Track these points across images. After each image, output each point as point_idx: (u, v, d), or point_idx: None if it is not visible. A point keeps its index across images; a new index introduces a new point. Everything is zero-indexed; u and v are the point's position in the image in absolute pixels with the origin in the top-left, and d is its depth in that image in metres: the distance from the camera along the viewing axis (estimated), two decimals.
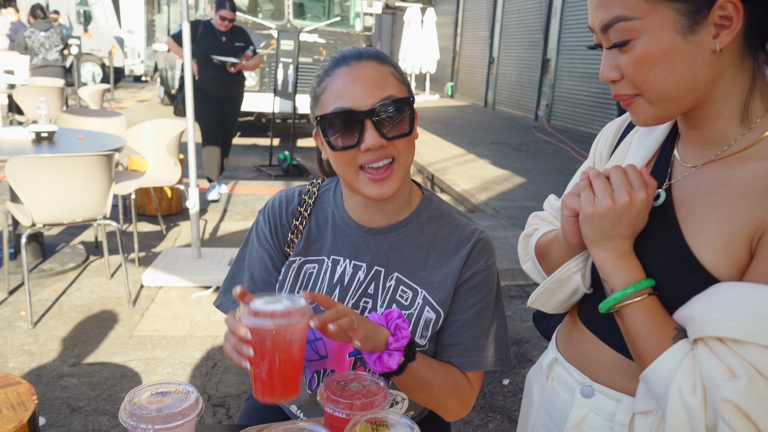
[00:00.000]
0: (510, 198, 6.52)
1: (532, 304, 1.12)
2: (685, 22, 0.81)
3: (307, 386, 1.27)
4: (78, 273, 4.14)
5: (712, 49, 0.82)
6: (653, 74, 0.84)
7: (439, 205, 1.29)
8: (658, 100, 0.86)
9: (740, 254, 0.83)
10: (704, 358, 0.78)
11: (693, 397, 0.78)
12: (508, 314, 3.81)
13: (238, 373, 2.99)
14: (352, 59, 1.13)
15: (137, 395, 0.96)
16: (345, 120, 1.10)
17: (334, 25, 10.14)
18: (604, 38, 0.87)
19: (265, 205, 1.34)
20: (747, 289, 0.77)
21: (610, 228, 0.90)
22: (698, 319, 0.80)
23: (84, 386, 2.84)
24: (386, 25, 25.19)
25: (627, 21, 0.82)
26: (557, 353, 1.13)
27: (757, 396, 0.73)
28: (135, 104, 13.71)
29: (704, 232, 0.86)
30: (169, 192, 5.46)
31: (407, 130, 1.13)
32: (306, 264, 1.27)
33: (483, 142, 10.15)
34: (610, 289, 0.91)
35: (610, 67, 0.88)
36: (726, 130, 0.88)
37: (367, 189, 1.14)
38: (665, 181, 0.96)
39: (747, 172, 0.85)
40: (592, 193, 0.91)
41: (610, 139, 1.13)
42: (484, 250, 1.24)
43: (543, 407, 1.14)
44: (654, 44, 0.82)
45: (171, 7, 11.65)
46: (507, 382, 3.07)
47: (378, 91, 1.11)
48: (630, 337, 0.89)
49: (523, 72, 14.09)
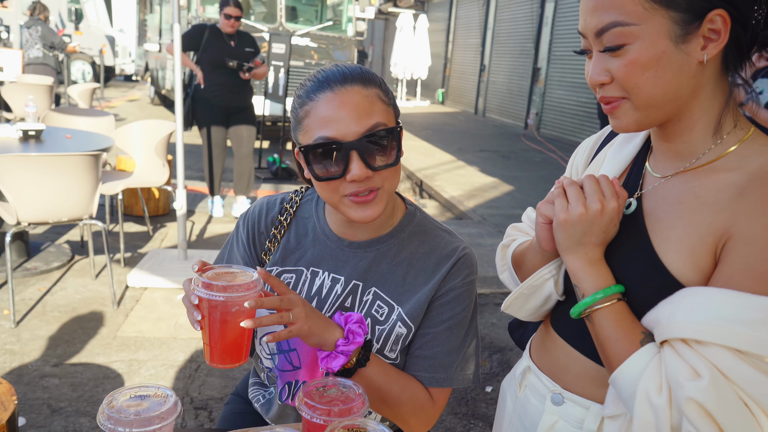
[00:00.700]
0: (498, 206, 6.56)
1: (505, 309, 1.14)
2: (679, 31, 0.84)
3: (277, 397, 1.27)
4: (63, 272, 4.12)
5: (699, 60, 0.85)
6: (644, 78, 0.86)
7: (422, 221, 1.28)
8: (644, 105, 0.88)
9: (705, 261, 0.86)
10: (669, 358, 0.81)
11: (659, 397, 0.81)
12: (492, 322, 3.85)
13: (221, 376, 2.99)
14: (337, 83, 1.07)
15: (116, 398, 0.96)
16: (329, 150, 1.06)
17: (326, 29, 10.16)
18: (597, 42, 0.88)
19: (246, 210, 1.34)
20: (710, 294, 0.81)
21: (582, 235, 0.93)
22: (664, 322, 0.83)
23: (65, 387, 2.82)
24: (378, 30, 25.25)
25: (624, 26, 0.84)
26: (530, 361, 1.16)
27: (719, 394, 0.76)
28: (125, 104, 13.65)
29: (671, 239, 0.90)
30: (157, 193, 5.45)
31: (393, 160, 1.10)
32: (283, 274, 1.27)
33: (472, 149, 10.19)
34: (581, 294, 0.94)
35: (600, 70, 0.89)
36: (697, 144, 0.92)
37: (350, 212, 1.12)
38: (637, 191, 0.99)
39: (712, 184, 0.88)
40: (565, 201, 0.94)
41: (586, 154, 1.16)
42: (463, 267, 1.23)
43: (516, 414, 1.17)
44: (648, 50, 0.84)
45: (163, 7, 11.63)
46: (490, 389, 3.09)
47: (364, 120, 1.06)
48: (599, 341, 0.92)
49: (514, 80, 14.18)
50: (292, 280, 1.26)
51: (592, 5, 0.87)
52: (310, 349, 1.22)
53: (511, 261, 1.20)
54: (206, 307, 0.99)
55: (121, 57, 18.16)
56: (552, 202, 0.97)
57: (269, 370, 1.27)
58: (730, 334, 0.76)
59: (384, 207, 1.13)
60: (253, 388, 1.39)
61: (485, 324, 3.81)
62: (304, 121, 1.11)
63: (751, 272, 0.79)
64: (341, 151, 1.06)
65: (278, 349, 1.24)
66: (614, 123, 0.93)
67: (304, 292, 1.25)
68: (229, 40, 5.42)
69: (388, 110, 1.12)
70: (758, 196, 0.82)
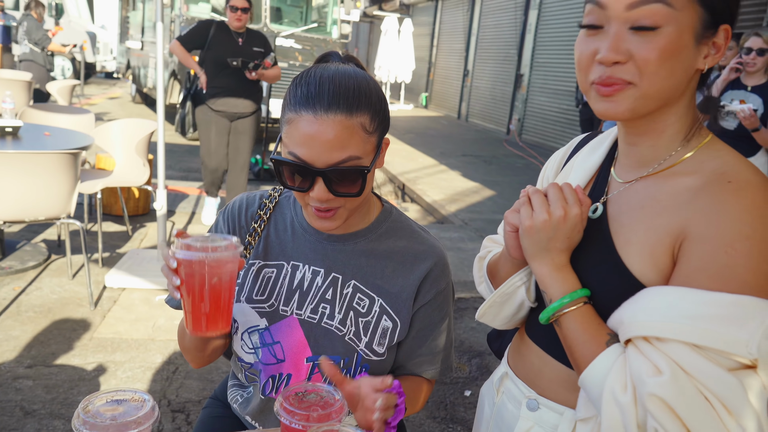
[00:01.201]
0: (479, 210, 6.59)
1: (480, 318, 1.16)
2: (701, 31, 0.86)
3: (259, 392, 1.27)
4: (38, 272, 4.06)
5: (700, 67, 0.88)
6: (663, 68, 0.85)
7: (398, 218, 1.32)
8: (650, 95, 0.87)
9: (664, 261, 0.89)
10: (632, 357, 0.83)
11: (624, 395, 0.83)
12: (472, 326, 3.86)
13: (199, 379, 2.97)
14: (321, 108, 1.06)
15: (92, 402, 0.95)
16: (297, 170, 1.10)
17: (311, 31, 10.14)
18: (624, 17, 0.85)
19: (225, 206, 1.35)
20: (669, 293, 0.83)
21: (547, 241, 0.95)
22: (626, 322, 0.86)
23: (39, 389, 2.78)
24: (363, 33, 25.27)
25: (666, 5, 0.83)
26: (507, 368, 1.18)
27: (679, 389, 0.78)
28: (105, 101, 13.50)
29: (632, 242, 0.92)
30: (137, 192, 5.39)
31: (357, 192, 1.11)
32: (265, 268, 1.28)
33: (455, 154, 10.24)
34: (549, 299, 0.97)
35: (619, 49, 0.85)
36: (661, 149, 0.95)
37: (311, 220, 1.18)
38: (602, 196, 1.02)
39: (671, 188, 0.91)
40: (530, 209, 0.97)
41: (556, 165, 1.20)
42: (445, 270, 1.30)
43: (493, 420, 1.19)
44: (677, 39, 0.84)
45: (146, 4, 11.52)
46: (468, 393, 3.10)
47: (337, 152, 1.06)
48: (568, 344, 0.94)
49: (497, 86, 14.27)
50: (273, 274, 1.27)
51: None
52: (293, 342, 1.23)
53: (486, 271, 1.22)
54: (186, 270, 0.98)
55: (102, 54, 17.96)
56: (518, 210, 1.00)
57: (250, 366, 1.27)
58: (687, 330, 0.79)
59: (343, 222, 1.18)
60: (232, 389, 1.39)
61: (465, 328, 3.83)
62: (286, 127, 1.12)
63: (705, 270, 0.82)
64: (308, 174, 1.09)
65: (261, 342, 1.25)
66: (609, 107, 0.89)
67: (285, 285, 1.26)
68: (237, 37, 4.90)
69: (369, 140, 1.11)
70: (710, 197, 0.85)
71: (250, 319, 1.25)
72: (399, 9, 20.30)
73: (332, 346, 1.22)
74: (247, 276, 1.28)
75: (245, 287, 1.27)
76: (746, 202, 0.82)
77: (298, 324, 1.24)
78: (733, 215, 0.82)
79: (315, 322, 1.23)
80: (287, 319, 1.24)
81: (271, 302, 1.25)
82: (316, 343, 1.23)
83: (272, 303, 1.25)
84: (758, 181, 0.85)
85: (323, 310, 1.24)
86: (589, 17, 0.88)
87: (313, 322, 1.23)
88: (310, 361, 1.23)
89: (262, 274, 1.28)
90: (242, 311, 1.26)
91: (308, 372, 1.23)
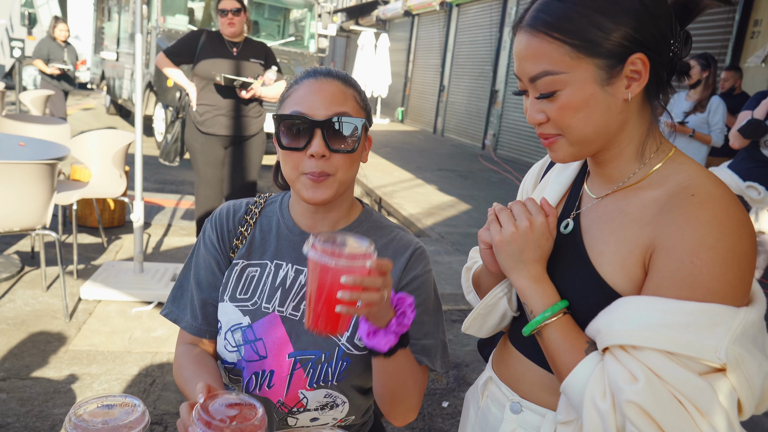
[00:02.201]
0: (455, 224, 6.66)
1: (466, 330, 1.21)
2: (604, 75, 0.92)
3: (243, 390, 1.29)
4: (11, 284, 3.99)
5: (624, 98, 0.94)
6: (576, 119, 0.95)
7: (378, 218, 1.37)
8: (578, 141, 0.97)
9: (635, 272, 0.94)
10: (610, 365, 0.88)
11: (603, 402, 0.87)
12: (450, 338, 3.90)
13: (177, 391, 2.95)
14: (321, 74, 1.22)
15: (83, 407, 0.96)
16: (297, 123, 1.18)
17: (288, 44, 10.18)
18: (532, 87, 0.97)
19: (212, 214, 1.38)
20: (641, 302, 0.88)
21: (519, 252, 1.01)
22: (603, 331, 0.90)
23: (13, 402, 2.74)
24: (340, 47, 25.40)
25: (554, 75, 0.93)
26: (492, 372, 1.22)
27: (654, 395, 0.82)
28: (79, 112, 13.35)
29: (605, 254, 0.98)
30: (112, 204, 5.34)
31: (351, 148, 1.20)
32: (248, 267, 1.31)
33: (431, 168, 10.32)
34: (530, 311, 1.01)
35: (537, 111, 0.98)
36: (625, 168, 1.01)
37: (304, 191, 1.20)
38: (574, 211, 1.08)
39: (639, 202, 0.97)
40: (498, 225, 1.04)
41: (534, 179, 1.26)
42: (421, 258, 1.31)
43: (478, 424, 1.22)
44: (577, 94, 0.93)
45: (122, 15, 11.46)
46: (446, 404, 3.13)
47: (335, 106, 1.18)
48: (549, 353, 0.99)
49: (472, 101, 14.45)
50: (256, 273, 1.30)
51: (524, 54, 0.96)
52: (275, 338, 1.25)
53: (472, 282, 1.28)
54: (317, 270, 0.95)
55: None
56: (489, 228, 1.06)
57: (233, 366, 1.29)
58: (660, 338, 0.84)
59: (333, 193, 1.20)
60: None
61: None
62: (285, 101, 1.24)
63: (673, 280, 0.87)
64: (307, 126, 1.17)
65: (244, 339, 1.26)
66: (552, 155, 1.02)
67: (268, 284, 1.28)
68: (230, 47, 4.19)
69: (360, 111, 1.24)
70: (675, 210, 0.90)
71: (233, 317, 1.27)
72: (376, 24, 20.49)
73: (314, 342, 1.24)
74: (231, 275, 1.31)
75: (229, 287, 1.30)
76: (709, 214, 0.87)
77: (280, 321, 1.26)
78: (697, 227, 0.87)
79: (297, 318, 1.26)
80: (269, 316, 1.26)
81: (254, 300, 1.28)
82: (298, 339, 1.25)
83: (255, 301, 1.28)
84: (720, 193, 0.90)
85: (305, 307, 1.26)
86: (519, 85, 1.01)
87: (294, 319, 1.26)
88: (292, 356, 1.25)
89: (245, 273, 1.30)
90: (226, 310, 1.28)
91: (290, 368, 1.25)
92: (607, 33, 0.90)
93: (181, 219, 5.96)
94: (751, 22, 7.30)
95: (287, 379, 1.24)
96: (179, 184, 7.53)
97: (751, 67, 7.23)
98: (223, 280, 1.31)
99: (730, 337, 0.82)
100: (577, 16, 0.91)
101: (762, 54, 7.09)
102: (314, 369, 1.24)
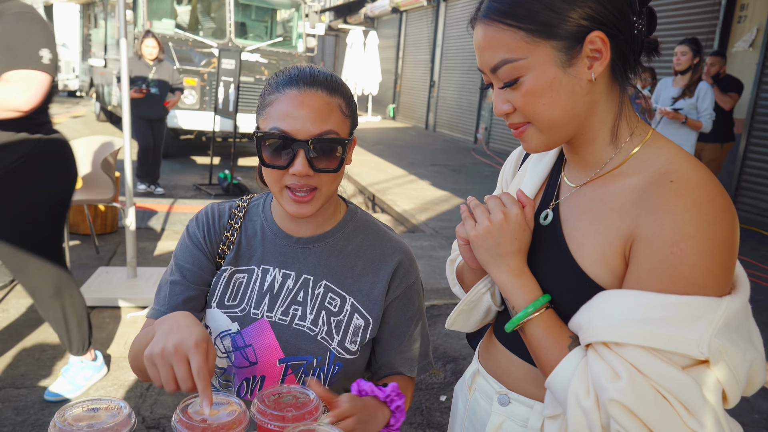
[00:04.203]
0: (449, 219, 6.66)
1: (450, 326, 1.19)
2: (563, 57, 0.91)
3: (235, 393, 1.29)
4: (5, 293, 3.97)
5: (588, 78, 0.92)
6: (541, 105, 0.93)
7: (363, 217, 1.36)
8: (547, 128, 0.95)
9: (616, 263, 0.92)
10: (593, 362, 0.87)
11: (587, 399, 0.86)
12: (446, 332, 3.90)
13: (174, 395, 2.94)
14: (304, 84, 1.16)
15: (68, 411, 0.95)
16: (280, 142, 1.14)
17: (276, 45, 10.16)
18: (495, 78, 0.96)
19: (195, 215, 1.36)
20: (622, 297, 0.86)
21: (496, 246, 0.99)
22: (585, 326, 0.89)
23: (9, 411, 2.73)
24: (329, 46, 25.37)
25: (513, 62, 0.91)
26: (479, 365, 1.21)
27: (637, 392, 0.81)
28: (69, 120, 13.28)
29: (585, 245, 0.96)
30: (104, 210, 5.32)
31: (335, 167, 1.17)
32: (236, 274, 1.30)
33: (423, 164, 10.32)
34: (512, 307, 0.99)
35: (502, 102, 0.96)
36: (601, 153, 0.99)
37: (287, 206, 1.19)
38: (554, 201, 1.06)
39: (617, 189, 0.95)
40: (473, 220, 1.02)
41: (512, 167, 1.24)
42: (412, 265, 1.32)
43: (467, 416, 1.21)
44: (539, 79, 0.92)
45: (108, 22, 11.40)
46: (444, 398, 3.13)
47: (319, 124, 1.14)
48: (533, 349, 0.98)
49: (463, 96, 14.45)
50: (244, 279, 1.29)
51: (482, 45, 0.95)
52: (265, 344, 1.25)
53: (456, 276, 1.26)
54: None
55: (64, 72, 17.66)
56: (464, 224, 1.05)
57: (224, 372, 1.28)
58: (641, 333, 0.82)
59: (319, 208, 1.20)
60: None
61: (438, 335, 3.86)
62: (267, 109, 1.18)
63: (654, 272, 0.85)
64: (290, 146, 1.14)
65: (233, 346, 1.25)
66: (525, 146, 1.00)
67: (256, 289, 1.27)
68: None
69: (345, 121, 1.20)
70: (654, 198, 0.88)
71: (221, 324, 1.26)
72: (364, 22, 20.47)
73: (304, 347, 1.24)
74: (219, 282, 1.29)
75: (216, 293, 1.29)
76: (688, 201, 0.85)
77: (269, 326, 1.25)
78: (676, 215, 0.85)
79: (286, 324, 1.25)
80: (258, 322, 1.25)
81: (242, 306, 1.27)
82: (288, 345, 1.24)
83: (243, 307, 1.27)
84: (699, 178, 0.88)
85: (294, 312, 1.26)
86: (483, 78, 1.00)
87: (284, 324, 1.25)
88: (283, 362, 1.24)
89: (233, 279, 1.29)
90: (214, 317, 1.27)
91: (281, 373, 1.24)
92: (560, 14, 0.89)
93: (174, 223, 5.94)
94: (737, 6, 7.31)
95: (279, 384, 1.23)
96: (172, 188, 7.51)
97: (739, 51, 7.25)
98: (211, 286, 1.30)
99: (713, 330, 0.80)
100: (529, 1, 0.90)
101: (749, 38, 7.11)
102: (306, 374, 1.24)
